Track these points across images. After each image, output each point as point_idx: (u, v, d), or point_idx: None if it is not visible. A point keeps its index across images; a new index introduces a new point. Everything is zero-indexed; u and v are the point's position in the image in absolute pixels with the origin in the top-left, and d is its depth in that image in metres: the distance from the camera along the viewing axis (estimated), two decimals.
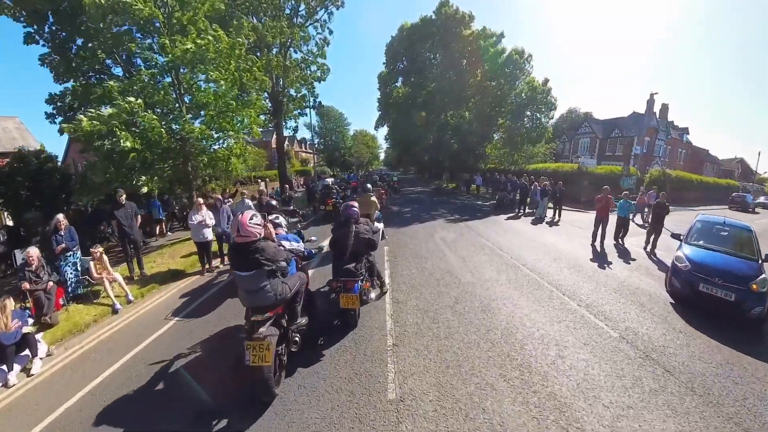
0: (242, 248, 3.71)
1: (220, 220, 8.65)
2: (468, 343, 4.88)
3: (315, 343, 4.78)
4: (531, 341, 4.93)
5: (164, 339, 5.55)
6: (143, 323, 6.26)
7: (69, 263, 7.40)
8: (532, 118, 27.34)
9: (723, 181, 39.12)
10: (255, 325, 3.77)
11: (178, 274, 8.74)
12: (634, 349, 4.91)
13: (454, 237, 11.71)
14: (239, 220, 3.70)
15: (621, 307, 6.26)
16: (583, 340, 5.05)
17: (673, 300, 6.65)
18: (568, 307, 6.16)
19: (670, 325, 5.72)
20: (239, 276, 3.80)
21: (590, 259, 9.52)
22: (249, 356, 3.58)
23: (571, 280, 7.56)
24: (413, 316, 5.76)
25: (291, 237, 5.43)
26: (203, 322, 6.00)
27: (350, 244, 5.22)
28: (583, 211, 19.03)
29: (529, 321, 5.55)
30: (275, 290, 3.83)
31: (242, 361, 3.61)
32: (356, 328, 5.35)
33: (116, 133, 8.30)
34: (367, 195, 9.64)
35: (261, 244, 3.73)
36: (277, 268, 3.86)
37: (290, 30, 18.75)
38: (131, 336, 5.77)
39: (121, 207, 8.40)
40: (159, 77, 10.01)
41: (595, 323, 5.59)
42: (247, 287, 3.82)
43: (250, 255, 3.66)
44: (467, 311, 5.87)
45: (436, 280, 7.41)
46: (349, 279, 5.10)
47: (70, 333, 6.07)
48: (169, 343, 5.37)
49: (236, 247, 3.79)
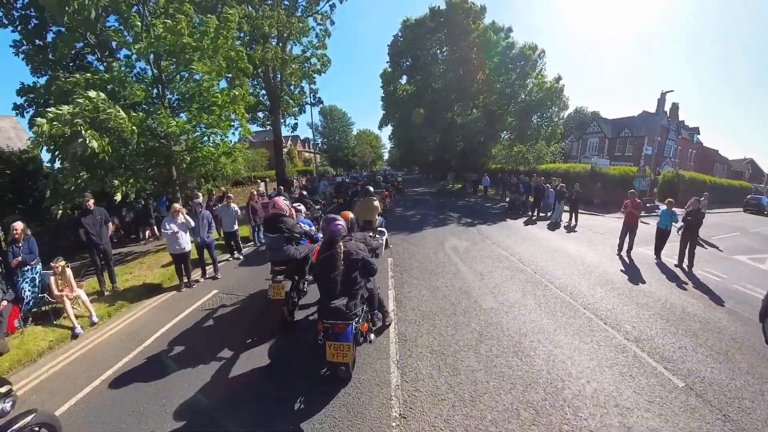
0: (273, 218, 5.44)
1: (199, 228, 7.54)
2: (504, 409, 3.64)
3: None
4: (584, 401, 3.76)
5: (127, 374, 4.56)
6: (105, 352, 5.29)
7: (27, 279, 6.44)
8: (542, 117, 26.16)
9: (736, 183, 37.71)
10: (275, 274, 5.43)
11: (153, 290, 7.71)
12: (708, 405, 3.82)
13: (466, 246, 10.54)
14: (275, 200, 5.72)
15: (674, 340, 5.17)
16: (646, 395, 3.92)
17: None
18: (615, 343, 5.02)
19: (734, 364, 4.65)
20: (268, 237, 5.58)
21: (621, 271, 8.47)
22: (270, 293, 5.19)
23: (607, 302, 6.44)
24: (426, 363, 4.47)
25: (306, 221, 6.68)
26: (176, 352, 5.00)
27: (339, 272, 3.94)
28: (598, 215, 17.98)
29: (574, 368, 4.37)
30: (289, 251, 5.34)
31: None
32: (350, 382, 4.09)
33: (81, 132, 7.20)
34: (368, 199, 8.37)
35: (285, 218, 5.44)
36: (291, 236, 5.41)
37: (288, 20, 17.58)
38: (87, 368, 4.81)
39: (89, 213, 7.40)
40: (134, 68, 8.92)
41: (653, 367, 4.46)
42: (271, 246, 5.53)
43: (276, 224, 5.35)
44: (495, 355, 4.63)
45: (451, 305, 6.22)
46: (339, 322, 3.80)
47: (20, 363, 5.11)
48: (131, 377, 4.43)
49: (269, 218, 5.57)
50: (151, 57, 9.38)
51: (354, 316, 3.90)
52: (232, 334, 5.41)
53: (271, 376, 4.32)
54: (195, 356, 4.83)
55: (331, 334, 3.81)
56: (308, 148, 62.08)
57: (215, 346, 5.06)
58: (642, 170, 22.79)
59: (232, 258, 9.83)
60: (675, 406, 3.79)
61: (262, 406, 3.82)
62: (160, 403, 3.92)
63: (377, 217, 8.35)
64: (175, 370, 4.53)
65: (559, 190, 15.26)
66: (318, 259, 4.21)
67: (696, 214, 9.08)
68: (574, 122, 55.27)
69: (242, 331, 5.51)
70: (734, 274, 8.80)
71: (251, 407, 3.81)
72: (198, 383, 4.23)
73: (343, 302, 3.86)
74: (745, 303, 6.75)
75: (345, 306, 3.83)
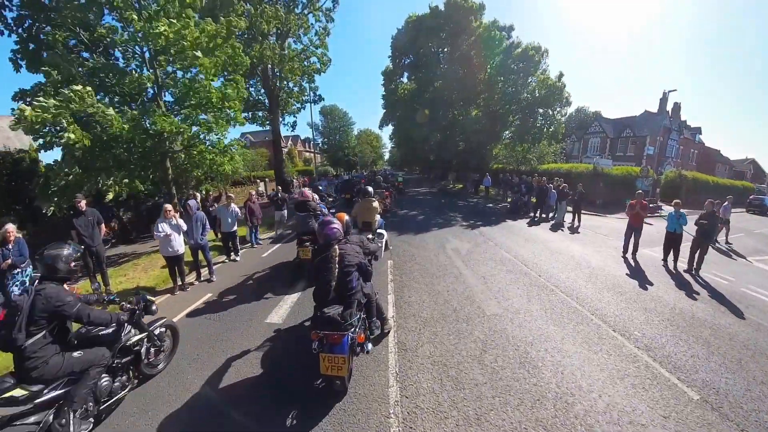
0: (302, 202, 7.64)
1: (192, 230, 7.32)
2: (511, 429, 3.37)
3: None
4: (596, 418, 3.52)
5: None
6: None
7: (17, 281, 6.24)
8: (545, 115, 25.91)
9: (738, 183, 37.46)
10: (302, 242, 7.54)
11: (146, 292, 7.46)
12: (725, 419, 3.61)
13: (468, 248, 10.31)
14: (302, 190, 8.25)
15: (686, 348, 4.95)
16: (661, 409, 3.70)
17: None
18: (626, 352, 4.80)
19: (748, 373, 4.45)
20: (297, 215, 7.84)
21: (627, 275, 8.21)
22: (300, 254, 7.44)
23: (615, 308, 6.21)
24: (428, 375, 4.19)
25: (323, 206, 8.55)
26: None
27: (334, 278, 3.74)
28: (601, 215, 17.78)
29: (584, 380, 4.13)
30: (313, 225, 6.79)
31: None
32: (345, 396, 3.83)
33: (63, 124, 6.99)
34: (367, 200, 8.10)
35: (310, 202, 7.63)
36: (314, 214, 7.54)
37: (287, 17, 17.32)
38: None
39: (81, 214, 7.21)
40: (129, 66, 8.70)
41: (666, 378, 4.25)
42: (300, 221, 7.70)
43: (305, 205, 7.57)
44: (501, 366, 4.37)
45: (453, 310, 5.98)
46: (334, 333, 3.56)
47: (7, 369, 4.83)
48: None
49: (300, 202, 7.69)
50: (147, 56, 9.19)
51: (350, 326, 3.63)
52: (224, 341, 5.19)
53: (262, 388, 4.09)
54: (184, 364, 4.62)
55: (326, 345, 3.56)
56: (308, 148, 61.87)
57: (205, 354, 4.85)
58: (645, 170, 22.53)
59: (229, 260, 9.60)
60: (691, 421, 3.58)
61: (250, 421, 3.59)
62: (147, 416, 3.70)
63: (377, 218, 8.12)
64: (162, 379, 4.32)
65: (562, 190, 15.03)
66: (312, 264, 3.98)
67: (710, 218, 8.72)
68: (576, 122, 55.07)
69: (235, 337, 5.28)
70: (741, 276, 8.60)
71: (238, 421, 3.59)
72: (186, 394, 4.01)
73: (338, 311, 3.62)
74: (754, 307, 6.57)
75: (340, 315, 3.59)
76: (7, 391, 2.87)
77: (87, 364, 3.30)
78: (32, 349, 2.98)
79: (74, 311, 3.21)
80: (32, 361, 2.97)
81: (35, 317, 3.02)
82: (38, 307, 3.03)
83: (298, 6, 20.55)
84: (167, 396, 4.00)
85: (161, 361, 4.49)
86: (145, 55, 9.12)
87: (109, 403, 3.58)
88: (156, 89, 9.57)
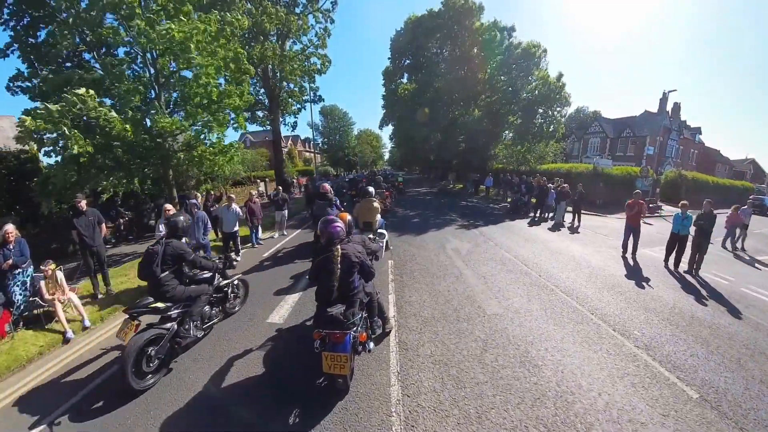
0: (321, 194, 8.98)
1: (194, 230, 7.33)
2: (512, 427, 3.40)
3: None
4: (596, 416, 3.55)
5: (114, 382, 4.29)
6: (96, 357, 5.08)
7: (17, 282, 6.22)
8: (545, 115, 25.94)
9: (738, 183, 37.52)
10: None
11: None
12: (724, 418, 3.64)
13: (469, 248, 10.34)
14: (322, 185, 9.69)
15: (685, 347, 4.98)
16: (660, 407, 3.73)
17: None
18: (625, 351, 4.83)
19: (747, 372, 4.48)
20: (318, 202, 9.07)
21: (627, 274, 8.27)
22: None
23: (615, 307, 6.24)
24: (429, 374, 4.22)
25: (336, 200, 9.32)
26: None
27: (336, 277, 3.75)
28: (601, 215, 17.82)
29: (584, 379, 4.16)
30: (332, 212, 7.69)
31: None
32: (347, 395, 3.85)
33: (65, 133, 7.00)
34: (368, 200, 8.10)
35: (328, 194, 8.86)
36: (332, 204, 8.66)
37: (287, 17, 17.35)
38: (77, 375, 4.62)
39: (81, 214, 7.20)
40: (132, 65, 8.71)
41: (665, 376, 4.28)
42: (320, 208, 8.71)
43: (325, 196, 8.81)
44: (502, 365, 4.40)
45: (454, 310, 6.01)
46: (336, 332, 3.59)
47: (9, 370, 4.90)
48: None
49: (320, 193, 9.09)
50: (148, 57, 9.20)
51: (352, 325, 3.66)
52: (225, 341, 5.21)
53: (264, 387, 4.12)
54: (185, 364, 4.64)
55: (328, 343, 3.59)
56: (308, 148, 61.90)
57: (207, 354, 4.87)
58: (645, 170, 22.56)
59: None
60: (690, 419, 3.61)
61: (253, 420, 3.62)
62: (149, 416, 3.73)
63: (378, 218, 8.14)
64: (164, 379, 4.35)
65: (562, 190, 15.06)
66: (315, 263, 4.00)
67: (708, 218, 8.75)
68: (576, 122, 55.09)
69: (237, 337, 5.30)
70: (741, 276, 8.63)
71: (241, 420, 3.62)
72: (188, 394, 4.04)
73: (340, 310, 3.64)
74: (754, 307, 6.60)
75: (342, 314, 3.61)
76: (152, 303, 4.42)
77: (198, 293, 4.89)
78: (165, 279, 4.44)
79: (191, 256, 4.76)
80: (165, 287, 4.43)
81: (166, 259, 4.47)
82: (168, 252, 4.49)
83: (299, 6, 20.59)
84: (169, 396, 4.03)
85: (237, 305, 6.12)
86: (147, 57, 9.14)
87: (208, 324, 5.22)
88: (157, 89, 9.60)
